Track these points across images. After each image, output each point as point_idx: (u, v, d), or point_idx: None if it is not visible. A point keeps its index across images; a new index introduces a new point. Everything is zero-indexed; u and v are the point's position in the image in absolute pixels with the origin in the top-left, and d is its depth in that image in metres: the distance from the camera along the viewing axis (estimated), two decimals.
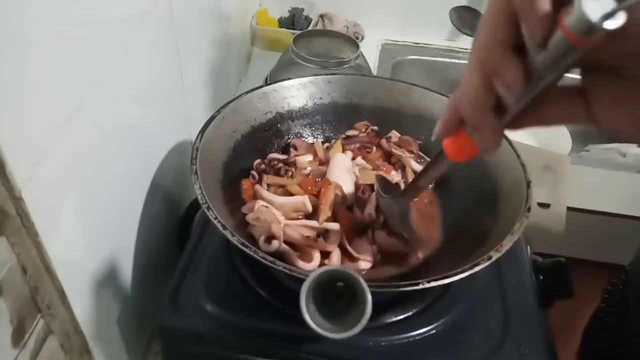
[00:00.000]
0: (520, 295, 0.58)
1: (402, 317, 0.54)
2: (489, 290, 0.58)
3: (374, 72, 1.10)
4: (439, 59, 1.20)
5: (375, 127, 0.70)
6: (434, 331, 0.53)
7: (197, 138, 0.58)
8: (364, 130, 0.70)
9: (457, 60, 1.20)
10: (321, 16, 1.19)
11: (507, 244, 0.47)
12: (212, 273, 0.59)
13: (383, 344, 0.52)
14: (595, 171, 0.92)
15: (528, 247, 0.65)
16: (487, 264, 0.46)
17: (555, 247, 0.76)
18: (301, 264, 0.51)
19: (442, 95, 0.69)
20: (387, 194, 0.56)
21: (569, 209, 0.82)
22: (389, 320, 0.54)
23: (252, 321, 0.54)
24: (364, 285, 0.36)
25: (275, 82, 0.69)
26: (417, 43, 1.23)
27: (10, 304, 0.38)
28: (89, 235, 0.50)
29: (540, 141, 1.09)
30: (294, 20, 1.20)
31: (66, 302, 0.45)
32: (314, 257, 0.52)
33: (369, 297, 0.36)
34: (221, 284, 0.58)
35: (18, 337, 0.39)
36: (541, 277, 0.61)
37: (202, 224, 0.64)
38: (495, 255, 0.46)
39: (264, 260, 0.46)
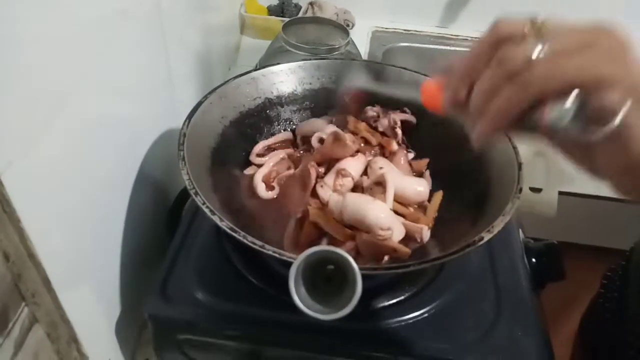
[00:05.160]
0: (512, 278, 0.58)
1: (394, 301, 0.53)
2: (482, 273, 0.58)
3: (365, 59, 1.09)
4: (430, 45, 1.19)
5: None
6: (426, 315, 0.53)
7: (184, 124, 0.57)
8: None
9: (447, 47, 1.19)
10: (311, 3, 1.18)
11: (498, 224, 0.47)
12: (202, 261, 0.58)
13: (376, 328, 0.52)
14: None
15: (520, 230, 0.65)
16: (478, 245, 0.45)
17: (549, 231, 0.75)
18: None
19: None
20: None
21: (561, 193, 0.82)
22: (382, 305, 0.53)
23: (243, 308, 0.54)
24: (355, 265, 0.36)
25: (263, 67, 0.68)
26: (408, 30, 1.22)
27: None
28: (76, 222, 0.49)
29: None
30: (283, 7, 1.19)
31: (51, 290, 0.44)
32: None
33: (359, 277, 0.35)
34: (211, 271, 0.57)
35: (1, 325, 0.38)
36: (533, 260, 0.61)
37: (192, 211, 0.63)
38: (487, 236, 0.46)
39: (253, 245, 0.45)
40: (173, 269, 0.57)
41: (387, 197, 0.56)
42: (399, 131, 0.65)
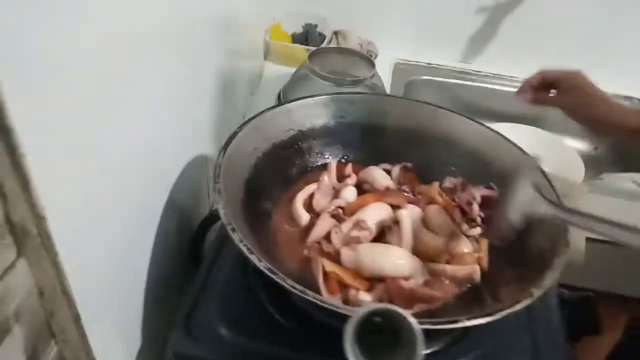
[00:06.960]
0: (548, 330, 0.56)
1: (429, 351, 0.51)
2: (517, 324, 0.56)
3: (387, 91, 1.08)
4: (452, 80, 1.19)
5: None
6: None
7: (219, 155, 0.55)
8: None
9: (469, 83, 1.19)
10: (335, 33, 1.18)
11: (548, 281, 0.45)
12: (228, 296, 0.56)
13: None
14: (611, 200, 0.90)
15: None
16: (528, 301, 0.43)
17: (577, 278, 0.73)
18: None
19: (467, 118, 0.67)
20: None
21: (589, 239, 0.80)
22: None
23: (269, 347, 0.52)
24: (414, 324, 0.34)
25: (297, 100, 0.67)
26: (430, 64, 1.22)
27: (26, 331, 0.35)
28: (107, 256, 0.48)
29: (552, 167, 1.07)
30: (307, 36, 1.19)
31: (80, 327, 0.42)
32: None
33: (420, 337, 0.33)
34: (237, 308, 0.55)
35: None
36: (566, 311, 0.59)
37: (217, 245, 0.61)
38: (537, 293, 0.44)
39: (292, 289, 0.43)
40: (197, 304, 0.55)
41: (402, 237, 0.54)
42: (475, 207, 0.58)
